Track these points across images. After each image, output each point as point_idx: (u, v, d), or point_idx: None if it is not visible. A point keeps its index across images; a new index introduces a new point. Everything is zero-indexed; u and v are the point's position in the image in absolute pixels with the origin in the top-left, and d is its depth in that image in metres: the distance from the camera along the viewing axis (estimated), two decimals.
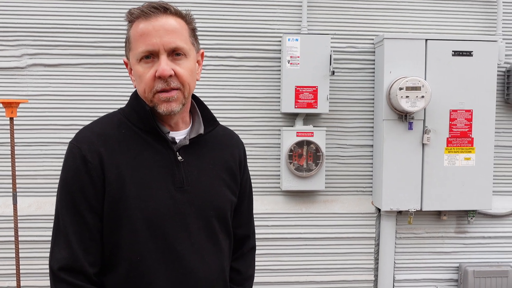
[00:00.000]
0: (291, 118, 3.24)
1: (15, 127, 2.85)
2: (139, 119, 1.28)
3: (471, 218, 3.28)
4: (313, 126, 3.20)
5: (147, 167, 1.25)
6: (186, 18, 1.29)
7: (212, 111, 1.43)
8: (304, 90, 3.12)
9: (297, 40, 3.11)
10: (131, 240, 1.22)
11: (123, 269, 1.23)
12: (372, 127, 3.32)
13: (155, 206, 1.23)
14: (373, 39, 3.29)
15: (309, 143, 3.14)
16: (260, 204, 3.23)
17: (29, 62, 3.08)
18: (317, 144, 3.14)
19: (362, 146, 3.33)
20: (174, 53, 1.23)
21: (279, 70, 3.22)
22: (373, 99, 3.31)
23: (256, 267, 1.56)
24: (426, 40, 3.12)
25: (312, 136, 3.15)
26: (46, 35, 3.08)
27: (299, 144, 3.14)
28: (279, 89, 3.22)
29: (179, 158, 1.29)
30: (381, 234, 3.29)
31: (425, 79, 3.08)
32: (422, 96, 2.98)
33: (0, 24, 3.05)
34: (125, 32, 1.30)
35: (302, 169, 3.15)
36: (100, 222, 1.23)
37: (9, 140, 2.93)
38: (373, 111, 3.32)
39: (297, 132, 3.14)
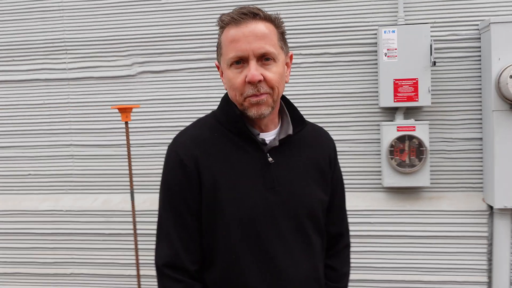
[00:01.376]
0: (391, 112, 3.15)
1: (129, 130, 3.12)
2: (230, 123, 1.32)
3: None
4: (415, 120, 3.08)
5: (239, 169, 1.29)
6: (275, 22, 1.30)
7: (306, 110, 1.46)
8: (403, 83, 3.02)
9: (393, 32, 3.02)
10: (226, 241, 1.28)
11: (220, 268, 1.30)
12: (481, 119, 3.11)
13: (247, 208, 1.27)
14: (477, 25, 3.09)
15: (411, 137, 3.03)
16: (362, 201, 3.19)
17: (139, 70, 3.35)
18: (419, 139, 3.01)
19: (469, 139, 3.13)
20: (264, 58, 1.25)
21: (376, 64, 3.15)
22: (480, 89, 3.10)
23: (359, 265, 1.55)
24: None
25: (414, 130, 3.03)
26: (153, 44, 3.34)
27: (400, 139, 3.04)
28: (377, 83, 3.15)
29: (270, 159, 1.31)
30: (494, 233, 3.07)
31: None
32: None
33: (112, 37, 3.37)
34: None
35: (405, 164, 3.04)
36: (199, 223, 1.30)
37: (125, 142, 3.22)
38: (480, 101, 3.11)
39: (397, 127, 3.05)
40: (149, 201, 3.36)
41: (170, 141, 1.41)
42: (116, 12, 3.35)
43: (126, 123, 2.92)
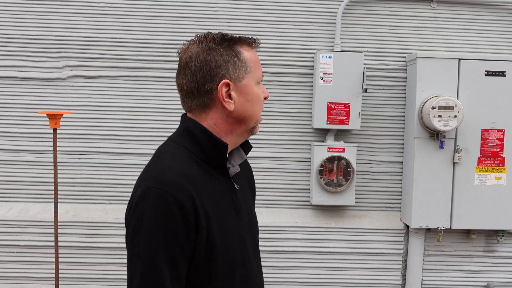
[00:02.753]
0: (323, 133, 3.29)
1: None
2: (209, 154, 1.28)
3: (501, 238, 3.28)
4: (345, 142, 3.24)
5: (220, 202, 1.27)
6: None
7: None
8: (337, 107, 3.17)
9: (330, 57, 3.16)
10: (218, 276, 1.24)
11: None
12: (403, 144, 3.35)
13: (231, 240, 1.27)
14: (405, 57, 3.33)
15: (340, 158, 3.19)
16: (290, 218, 3.29)
17: (70, 74, 3.19)
18: (348, 160, 3.18)
19: (392, 162, 3.35)
20: None
21: (311, 86, 3.28)
22: (404, 116, 3.34)
23: (285, 280, 1.61)
24: (459, 59, 3.14)
25: (343, 151, 3.19)
26: (87, 48, 3.19)
27: (330, 160, 3.18)
28: (311, 105, 3.27)
29: (236, 185, 1.34)
30: (409, 251, 3.31)
31: (457, 99, 3.10)
32: (455, 116, 3.00)
33: (43, 36, 3.17)
34: (163, 46, 1.36)
35: (333, 184, 3.19)
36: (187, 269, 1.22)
37: (50, 148, 3.05)
38: (403, 128, 3.34)
39: (328, 148, 3.19)
40: (72, 212, 3.20)
41: (98, 150, 1.31)
42: (50, 11, 3.16)
43: (55, 129, 2.76)
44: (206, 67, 1.24)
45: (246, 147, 1.43)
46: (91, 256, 3.19)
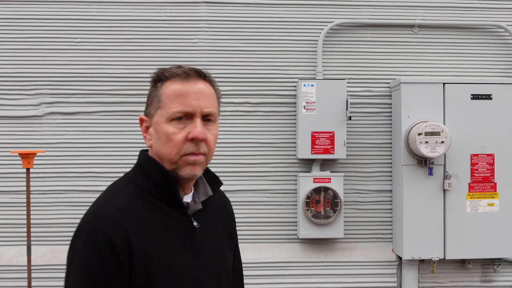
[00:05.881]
0: (308, 163, 3.19)
1: (31, 175, 2.85)
2: (159, 186, 1.21)
3: (497, 266, 3.15)
4: (330, 172, 3.14)
5: (169, 241, 1.18)
6: (215, 85, 1.28)
7: (224, 158, 1.41)
8: (321, 136, 3.08)
9: (312, 85, 3.10)
10: None
11: None
12: (391, 172, 3.25)
13: (182, 284, 1.17)
14: (389, 83, 3.27)
15: (326, 189, 3.08)
16: (278, 253, 3.16)
17: (47, 111, 3.11)
18: (334, 190, 3.07)
19: (381, 191, 3.25)
20: (205, 118, 1.21)
21: (295, 116, 3.20)
22: (391, 143, 3.25)
23: None
24: (444, 84, 3.07)
25: (330, 182, 3.09)
26: (64, 84, 3.12)
27: (316, 191, 3.08)
28: (295, 135, 3.19)
29: (195, 224, 1.24)
30: (402, 284, 3.17)
31: (444, 124, 3.02)
32: (442, 142, 2.91)
33: (18, 73, 3.11)
34: (141, 80, 1.28)
35: (320, 216, 3.07)
36: None
37: (24, 189, 2.93)
38: (391, 155, 3.25)
39: (314, 178, 3.08)
40: (49, 254, 3.07)
41: (75, 188, 1.23)
42: (25, 48, 3.11)
43: (28, 169, 2.66)
44: (146, 102, 1.26)
45: (215, 181, 1.34)
46: None
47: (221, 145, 3.13)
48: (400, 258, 3.17)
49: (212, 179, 1.34)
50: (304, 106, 3.09)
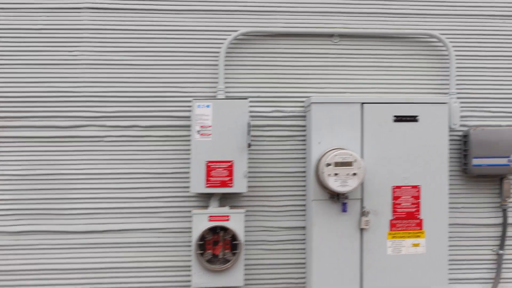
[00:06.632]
0: (205, 198, 2.74)
1: None
2: None
3: None
4: (230, 208, 2.69)
5: None
6: None
7: (107, 192, 0.97)
8: (217, 166, 2.62)
9: (208, 106, 2.63)
10: None
11: None
12: (305, 205, 2.80)
13: None
14: (303, 102, 2.81)
15: (224, 228, 2.62)
16: None
17: None
18: (233, 230, 2.61)
19: (293, 228, 2.80)
20: None
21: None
22: (305, 172, 2.80)
23: None
24: (362, 103, 2.62)
25: (228, 220, 2.63)
26: None
27: (213, 230, 2.62)
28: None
29: None
30: None
31: (362, 151, 2.57)
32: (354, 174, 2.46)
33: None
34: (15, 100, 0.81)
35: (216, 260, 2.61)
36: None
37: None
38: (305, 187, 2.80)
39: (209, 216, 2.62)
40: None
41: None
42: None
43: None
44: None
45: None
46: None
47: (105, 176, 2.68)
48: None
49: None
50: (198, 131, 2.63)
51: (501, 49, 2.90)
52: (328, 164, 2.46)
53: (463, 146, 2.82)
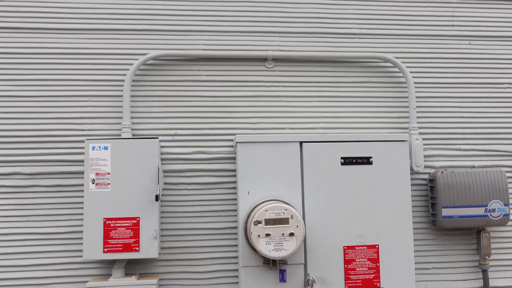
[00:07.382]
0: (108, 263, 2.13)
1: None
2: None
3: None
4: (139, 277, 2.08)
5: None
6: None
7: None
8: (118, 224, 2.03)
9: (106, 148, 2.06)
10: None
11: None
12: (237, 269, 2.22)
13: None
14: (232, 140, 2.27)
15: None
16: None
17: None
18: None
19: None
20: None
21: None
22: (237, 227, 2.23)
23: None
24: (301, 142, 2.09)
25: None
26: None
27: None
28: None
29: None
30: None
31: (302, 202, 2.03)
32: (291, 233, 1.90)
33: None
34: None
35: None
36: None
37: None
38: (237, 246, 2.23)
39: None
40: None
41: None
42: None
43: None
44: None
45: None
46: None
47: None
48: None
49: None
50: (93, 180, 2.04)
51: (469, 74, 2.44)
52: (257, 222, 1.90)
53: (429, 193, 2.30)
